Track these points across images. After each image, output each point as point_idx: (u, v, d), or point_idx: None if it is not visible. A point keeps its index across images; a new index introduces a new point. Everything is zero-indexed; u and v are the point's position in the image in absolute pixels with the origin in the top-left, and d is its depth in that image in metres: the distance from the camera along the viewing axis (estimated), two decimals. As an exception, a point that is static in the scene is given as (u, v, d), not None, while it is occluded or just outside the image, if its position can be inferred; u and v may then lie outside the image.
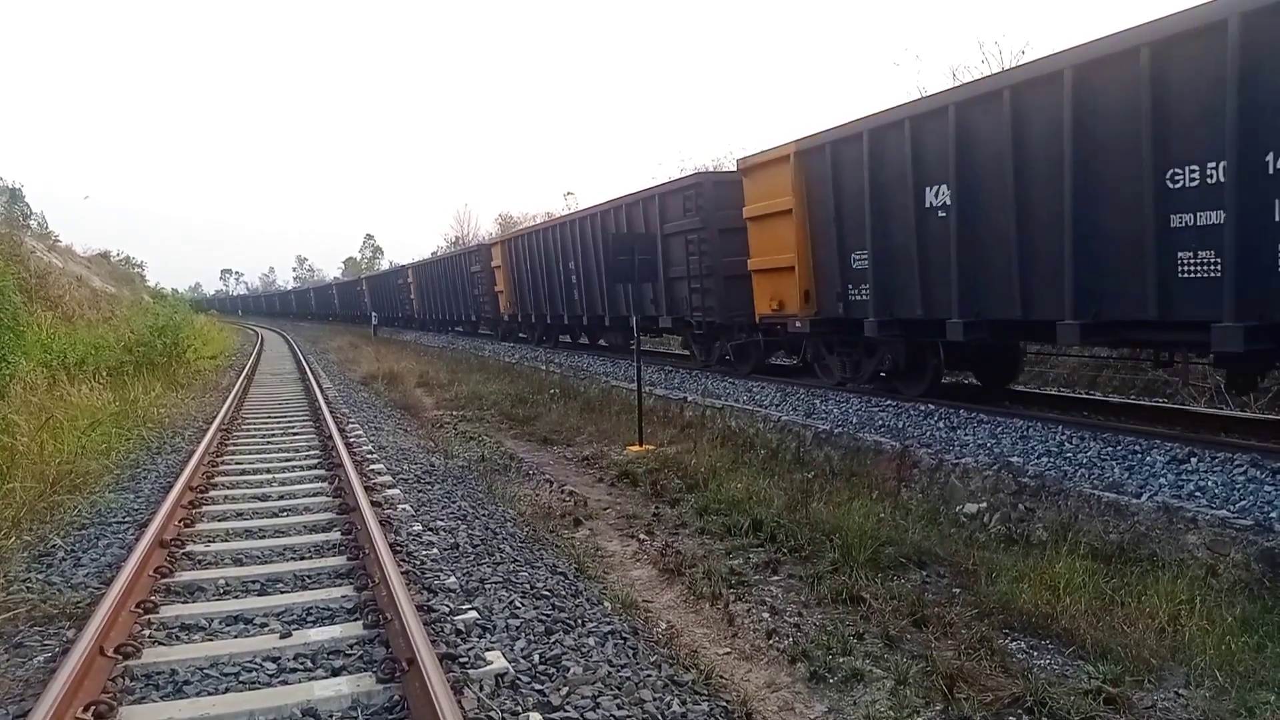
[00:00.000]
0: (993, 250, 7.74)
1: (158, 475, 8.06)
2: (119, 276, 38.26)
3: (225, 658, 3.85)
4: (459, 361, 21.65)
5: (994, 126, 7.55)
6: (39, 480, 6.77)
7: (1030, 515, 6.19)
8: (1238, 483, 5.76)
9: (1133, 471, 6.36)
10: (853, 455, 8.16)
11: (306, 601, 4.56)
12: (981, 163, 7.75)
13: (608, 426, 10.81)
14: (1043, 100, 7.08)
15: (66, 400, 10.14)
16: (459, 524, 6.35)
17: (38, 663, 3.88)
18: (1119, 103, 6.50)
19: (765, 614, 4.82)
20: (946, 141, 8.02)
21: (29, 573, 5.15)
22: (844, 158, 9.58)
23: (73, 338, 15.38)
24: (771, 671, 4.19)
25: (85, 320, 19.20)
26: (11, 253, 16.89)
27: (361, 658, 3.88)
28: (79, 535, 6.01)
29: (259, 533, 5.99)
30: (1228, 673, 3.81)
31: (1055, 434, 7.46)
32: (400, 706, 3.40)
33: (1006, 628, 4.49)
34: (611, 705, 3.49)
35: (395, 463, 8.64)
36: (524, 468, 8.87)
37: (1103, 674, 3.83)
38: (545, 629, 4.31)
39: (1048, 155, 7.05)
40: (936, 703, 3.72)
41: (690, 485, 7.56)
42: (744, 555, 5.81)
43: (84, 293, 22.96)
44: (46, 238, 30.94)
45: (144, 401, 12.04)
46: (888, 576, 5.19)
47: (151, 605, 4.42)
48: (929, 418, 8.81)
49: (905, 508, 6.58)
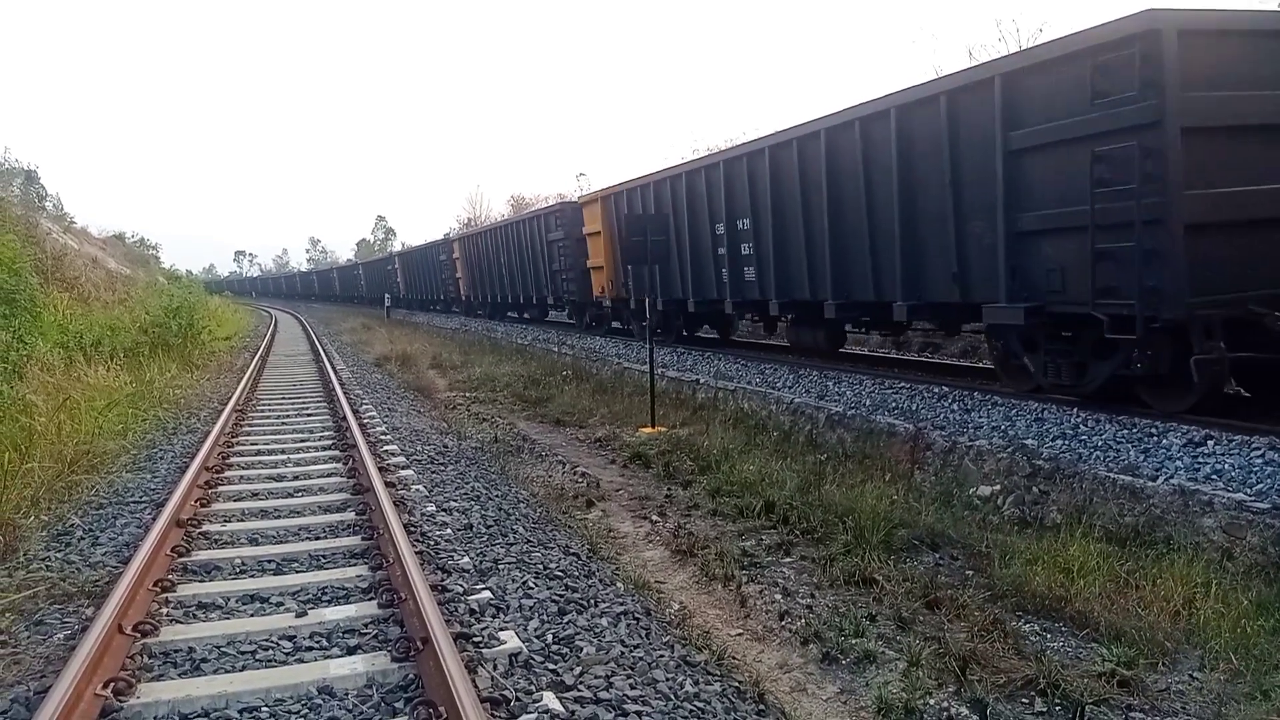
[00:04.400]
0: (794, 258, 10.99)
1: (174, 455, 8.13)
2: (134, 258, 38.47)
3: (242, 636, 3.89)
4: (472, 344, 21.69)
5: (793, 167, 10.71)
6: (57, 460, 6.84)
7: (1044, 498, 6.16)
8: (1255, 465, 5.71)
9: (1148, 454, 6.31)
10: (866, 437, 8.14)
11: (322, 581, 4.60)
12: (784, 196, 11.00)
13: (620, 408, 10.81)
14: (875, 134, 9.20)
15: (83, 381, 10.22)
16: (472, 505, 6.38)
17: (58, 640, 3.93)
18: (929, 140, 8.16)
19: (778, 595, 4.83)
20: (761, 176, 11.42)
21: (48, 551, 5.21)
22: (630, 200, 15.55)
23: (89, 319, 15.47)
24: (784, 652, 4.20)
25: (101, 302, 19.30)
26: (28, 234, 16.95)
27: (376, 637, 3.91)
28: (97, 515, 6.07)
29: (274, 513, 6.03)
30: (1243, 656, 3.79)
31: (1070, 416, 7.40)
32: (415, 685, 3.42)
33: (1020, 610, 4.48)
34: (624, 685, 3.50)
35: (409, 444, 8.68)
36: (537, 449, 8.89)
37: (1116, 657, 3.82)
38: (558, 609, 4.33)
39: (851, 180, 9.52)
40: (949, 684, 3.72)
41: (702, 467, 7.56)
42: (756, 537, 5.82)
43: (99, 274, 23.09)
44: (62, 219, 31.12)
45: (160, 382, 12.13)
46: (900, 559, 5.18)
47: (169, 584, 4.47)
48: (942, 400, 8.77)
49: (918, 490, 6.56)
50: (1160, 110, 6.28)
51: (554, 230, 20.73)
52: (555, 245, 20.66)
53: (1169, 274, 6.40)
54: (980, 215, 7.95)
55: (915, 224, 8.82)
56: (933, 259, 8.66)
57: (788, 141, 10.70)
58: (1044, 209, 7.33)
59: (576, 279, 19.56)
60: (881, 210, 9.21)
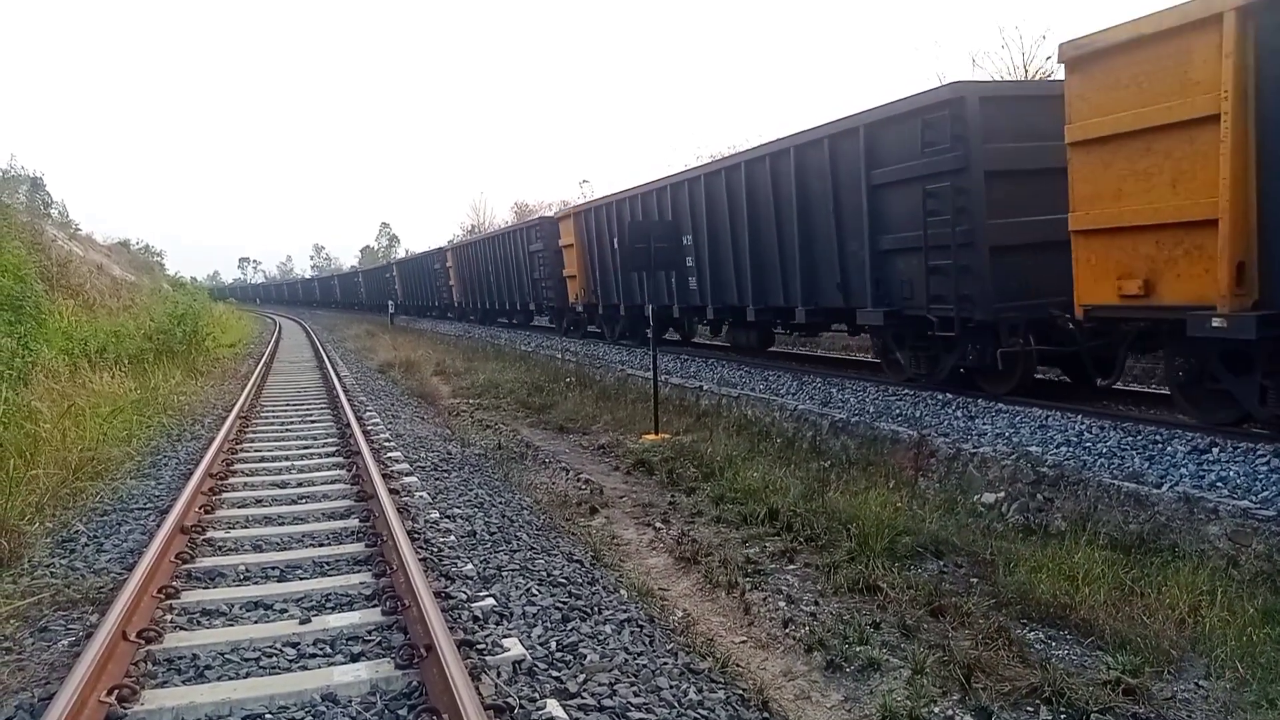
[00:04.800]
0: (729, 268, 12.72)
1: (178, 462, 8.14)
2: (138, 265, 38.50)
3: (246, 643, 3.89)
4: (475, 350, 21.72)
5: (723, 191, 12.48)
6: (61, 466, 6.85)
7: (1049, 505, 6.15)
8: (1260, 473, 5.69)
9: (1153, 461, 6.30)
10: (869, 444, 8.13)
11: (325, 588, 4.60)
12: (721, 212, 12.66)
13: (623, 415, 10.82)
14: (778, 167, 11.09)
15: (88, 388, 10.25)
16: (476, 511, 6.38)
17: (62, 647, 3.93)
18: (818, 174, 10.20)
19: (781, 603, 4.82)
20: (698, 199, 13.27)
21: (52, 558, 5.22)
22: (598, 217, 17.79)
23: (94, 326, 15.51)
24: (788, 660, 4.19)
25: (106, 308, 19.35)
26: (33, 241, 17.03)
27: (380, 644, 3.91)
28: (101, 521, 6.08)
29: (278, 519, 6.04)
30: (1249, 664, 3.78)
31: (1074, 423, 7.39)
32: (419, 692, 3.42)
33: (1024, 618, 4.47)
34: (628, 692, 3.50)
35: (412, 450, 8.68)
36: (540, 456, 8.89)
37: (1122, 665, 3.81)
38: (562, 616, 4.33)
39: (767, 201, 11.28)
40: (953, 692, 3.71)
41: (706, 474, 7.56)
42: (760, 544, 5.81)
43: (104, 281, 23.14)
44: (67, 226, 31.20)
45: (164, 389, 12.16)
46: (904, 566, 5.18)
47: (173, 590, 4.47)
48: (946, 407, 8.76)
49: (922, 497, 6.55)
50: (967, 159, 8.13)
51: (535, 242, 22.35)
52: (536, 256, 22.33)
53: (978, 285, 8.26)
54: (854, 237, 9.79)
55: (811, 243, 10.66)
56: (824, 272, 10.54)
57: (718, 171, 12.77)
58: (896, 232, 9.19)
59: (555, 287, 21.29)
60: (786, 231, 11.05)
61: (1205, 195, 6.00)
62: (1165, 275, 6.43)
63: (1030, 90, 8.34)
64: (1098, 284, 6.97)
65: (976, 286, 8.25)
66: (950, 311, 8.49)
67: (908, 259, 9.06)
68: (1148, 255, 6.56)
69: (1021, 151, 8.10)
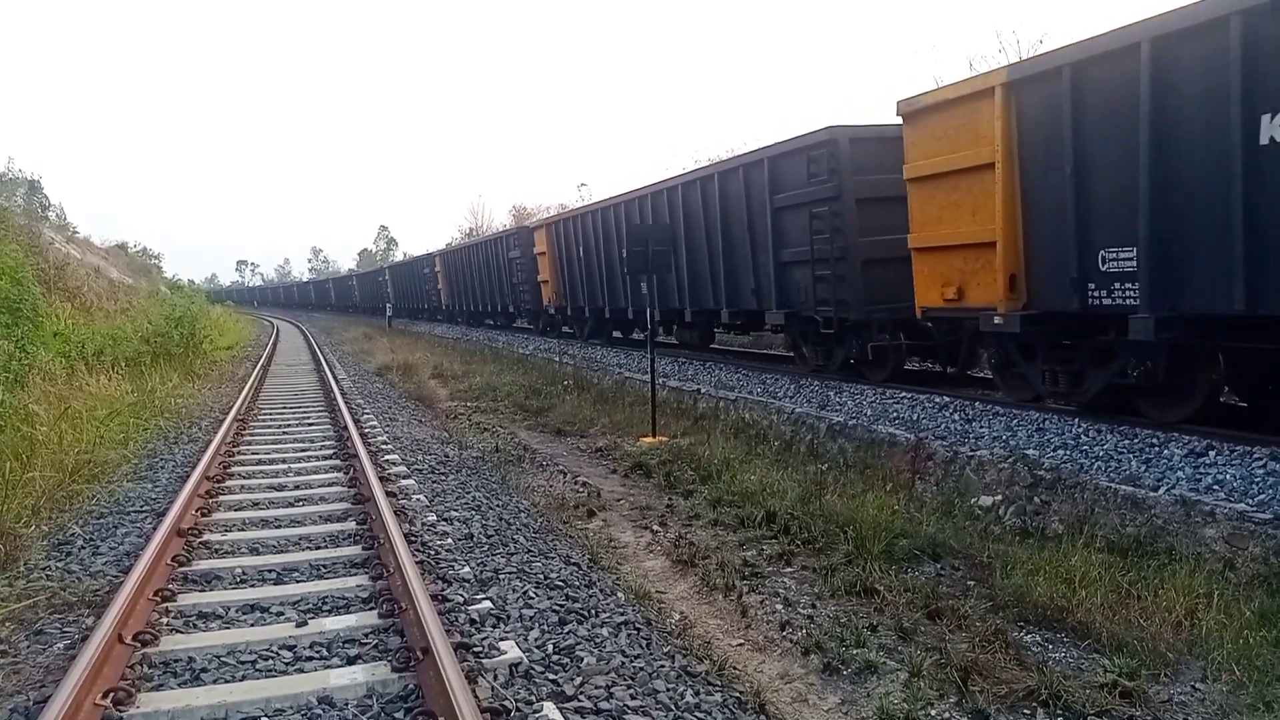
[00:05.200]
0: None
1: (175, 465, 8.13)
2: (136, 268, 38.48)
3: (242, 646, 3.88)
4: (473, 353, 21.71)
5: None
6: (58, 469, 6.84)
7: (1045, 508, 6.15)
8: (1257, 476, 5.70)
9: (1150, 464, 6.30)
10: (867, 447, 8.13)
11: (322, 591, 4.59)
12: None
13: (621, 418, 10.82)
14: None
15: (85, 390, 10.24)
16: (473, 514, 6.37)
17: (57, 649, 3.93)
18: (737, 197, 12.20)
19: (779, 606, 4.82)
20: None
21: (48, 561, 5.21)
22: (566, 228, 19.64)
23: (91, 328, 15.51)
24: (785, 663, 4.19)
25: (103, 311, 19.34)
26: (31, 244, 17.00)
27: (377, 647, 3.90)
28: (97, 524, 6.07)
29: (275, 522, 6.03)
30: (1245, 667, 3.78)
31: (1071, 426, 7.40)
32: (415, 695, 3.42)
33: (1021, 621, 4.47)
34: (625, 695, 3.50)
35: (410, 453, 8.68)
36: (538, 459, 8.89)
37: (1118, 667, 3.80)
38: (559, 619, 4.32)
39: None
40: (950, 695, 3.71)
41: (703, 477, 7.56)
42: (757, 547, 5.81)
43: (102, 284, 23.11)
44: (65, 229, 31.15)
45: (161, 392, 12.15)
46: (902, 569, 5.17)
47: (169, 593, 4.46)
48: (943, 410, 8.77)
49: (919, 500, 6.55)
50: (840, 188, 10.08)
51: (513, 250, 24.19)
52: (514, 262, 24.12)
53: (853, 291, 10.19)
54: (763, 250, 11.63)
55: (733, 254, 12.53)
56: (742, 280, 12.39)
57: (660, 191, 14.66)
58: (793, 247, 11.08)
59: (531, 291, 23.13)
60: (713, 245, 12.98)
61: (990, 223, 7.73)
62: (970, 284, 8.16)
63: (890, 133, 9.34)
64: (929, 290, 8.65)
65: (851, 292, 10.16)
66: (832, 313, 10.49)
67: (801, 269, 10.96)
68: (959, 268, 8.25)
69: (885, 182, 9.53)
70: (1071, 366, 7.77)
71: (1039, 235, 7.45)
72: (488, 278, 27.39)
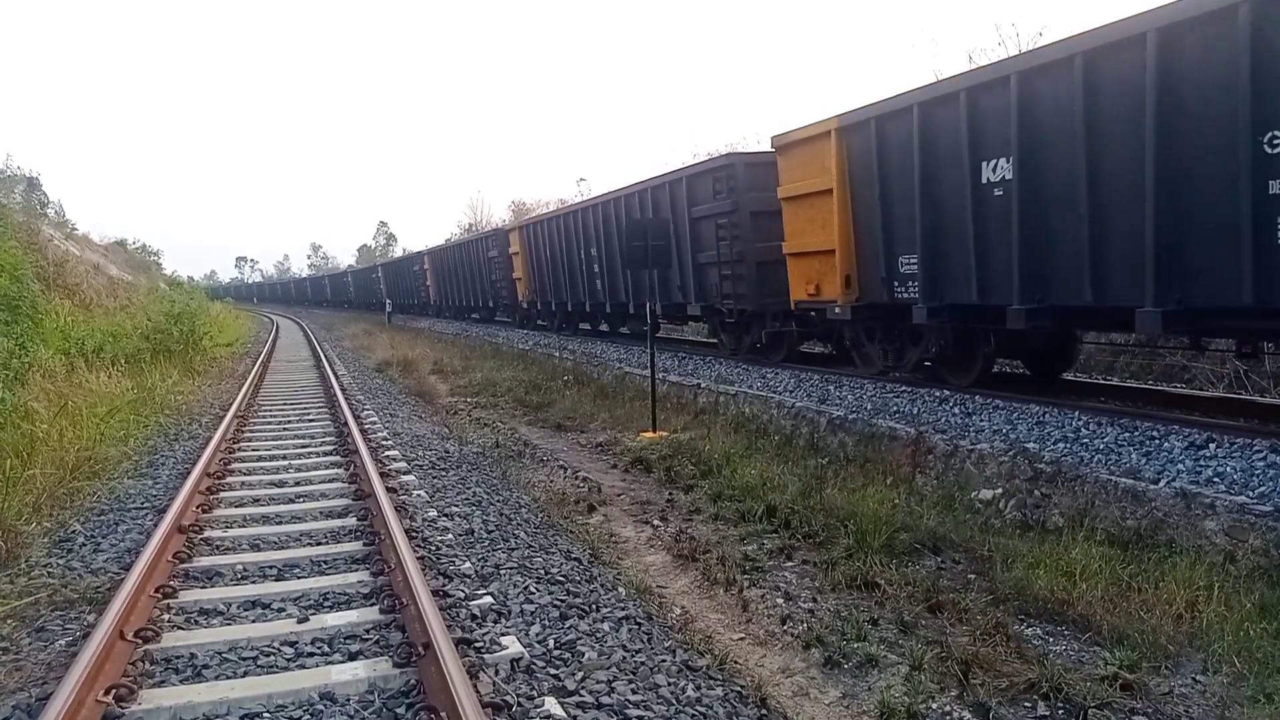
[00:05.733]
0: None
1: (175, 461, 8.13)
2: (135, 264, 38.43)
3: (243, 642, 3.89)
4: (473, 349, 21.69)
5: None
6: (58, 466, 6.84)
7: (1046, 501, 6.16)
8: (1257, 468, 5.71)
9: (1150, 457, 6.31)
10: (867, 441, 8.14)
11: (323, 586, 4.60)
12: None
13: (621, 413, 10.81)
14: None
15: (85, 387, 10.23)
16: (474, 510, 6.38)
17: (59, 646, 3.93)
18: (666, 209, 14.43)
19: (779, 600, 4.82)
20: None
21: (50, 558, 5.21)
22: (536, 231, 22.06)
23: (90, 325, 15.50)
24: (786, 657, 4.19)
25: (102, 308, 19.32)
26: (30, 241, 16.98)
27: (378, 642, 3.91)
28: (98, 521, 6.08)
29: (276, 518, 6.03)
30: (1246, 659, 3.78)
31: (1072, 420, 7.41)
32: (416, 690, 3.42)
33: (1022, 614, 4.47)
34: (626, 690, 3.50)
35: (410, 449, 8.68)
36: (538, 454, 8.89)
37: (1119, 660, 3.81)
38: (560, 614, 4.33)
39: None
40: (951, 688, 3.71)
41: (704, 471, 7.56)
42: (758, 541, 5.81)
43: (101, 281, 23.10)
44: (64, 226, 31.13)
45: (161, 388, 12.14)
46: (902, 562, 5.17)
47: (170, 590, 4.47)
48: (944, 404, 8.77)
49: (920, 494, 6.55)
50: (738, 203, 12.45)
51: (492, 250, 26.47)
52: (493, 262, 26.43)
53: (749, 287, 12.53)
54: (686, 253, 13.85)
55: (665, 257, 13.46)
56: (671, 278, 14.60)
57: (608, 201, 17.00)
58: (706, 251, 13.38)
59: (508, 288, 25.53)
60: None
61: (832, 235, 10.03)
62: (823, 282, 10.48)
63: (768, 159, 11.62)
64: (799, 287, 11.00)
65: (749, 288, 12.46)
66: (734, 305, 12.91)
67: (712, 269, 13.24)
68: (816, 270, 10.59)
69: (773, 198, 11.43)
70: (895, 345, 10.15)
71: (864, 244, 9.77)
72: (470, 275, 29.85)
